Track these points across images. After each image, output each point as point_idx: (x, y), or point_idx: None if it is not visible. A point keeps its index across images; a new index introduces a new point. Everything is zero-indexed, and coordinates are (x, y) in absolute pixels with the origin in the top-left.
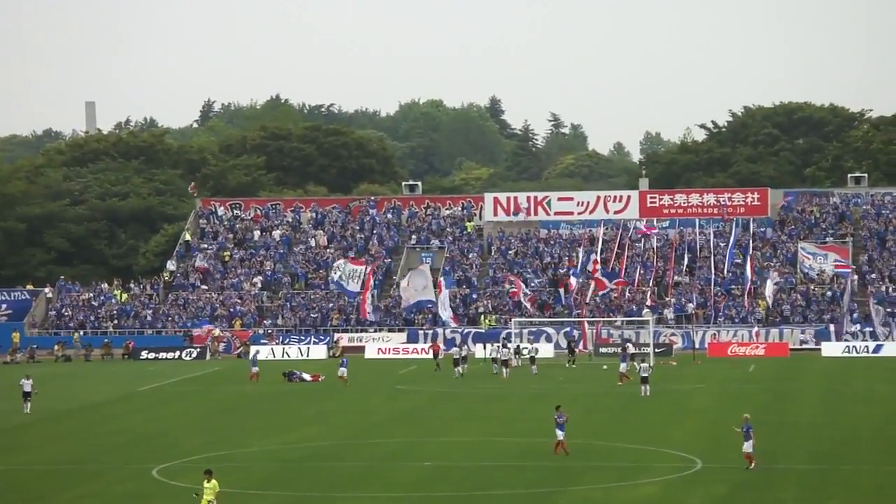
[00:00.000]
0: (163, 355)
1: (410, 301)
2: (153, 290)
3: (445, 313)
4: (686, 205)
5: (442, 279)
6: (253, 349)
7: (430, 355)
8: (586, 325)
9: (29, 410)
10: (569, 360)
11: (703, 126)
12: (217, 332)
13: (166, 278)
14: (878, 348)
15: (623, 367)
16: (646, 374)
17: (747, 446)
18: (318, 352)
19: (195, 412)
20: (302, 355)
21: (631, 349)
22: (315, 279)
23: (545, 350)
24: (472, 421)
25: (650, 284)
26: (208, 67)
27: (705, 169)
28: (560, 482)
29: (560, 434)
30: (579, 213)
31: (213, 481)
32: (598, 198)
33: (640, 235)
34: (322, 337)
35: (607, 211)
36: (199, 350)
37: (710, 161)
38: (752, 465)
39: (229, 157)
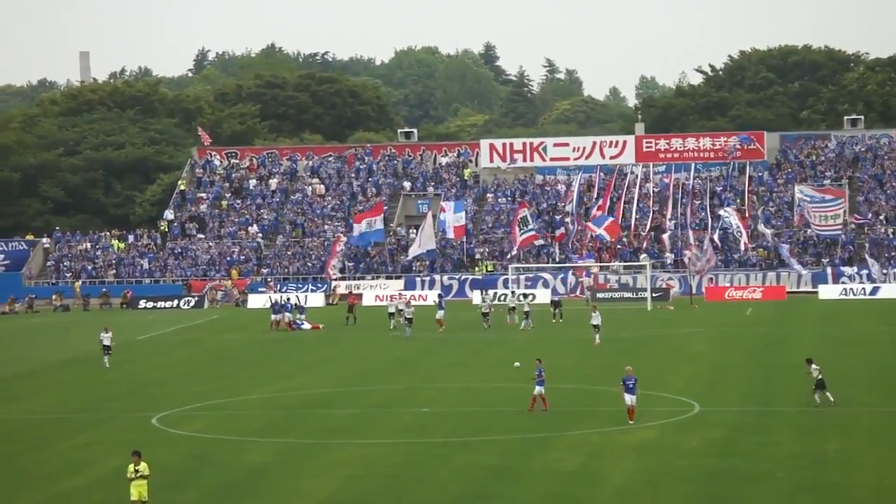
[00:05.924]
0: (161, 304)
1: (416, 252)
2: (150, 239)
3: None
4: (682, 149)
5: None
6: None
7: (347, 306)
8: (583, 270)
9: (108, 364)
10: (554, 315)
11: (699, 70)
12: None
13: (163, 228)
14: (874, 290)
15: (440, 313)
16: (597, 322)
17: (539, 390)
18: (316, 299)
19: (194, 360)
20: (300, 303)
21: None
22: (312, 227)
23: (542, 296)
24: (469, 367)
25: (647, 229)
26: (202, 16)
27: (702, 113)
28: (557, 427)
29: (538, 388)
30: (575, 159)
31: (144, 463)
32: (594, 143)
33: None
34: (319, 284)
35: (603, 156)
36: (197, 298)
37: (706, 105)
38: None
39: (224, 106)
